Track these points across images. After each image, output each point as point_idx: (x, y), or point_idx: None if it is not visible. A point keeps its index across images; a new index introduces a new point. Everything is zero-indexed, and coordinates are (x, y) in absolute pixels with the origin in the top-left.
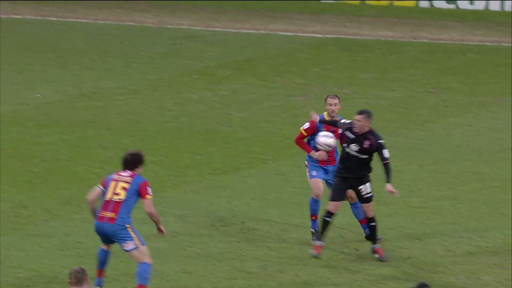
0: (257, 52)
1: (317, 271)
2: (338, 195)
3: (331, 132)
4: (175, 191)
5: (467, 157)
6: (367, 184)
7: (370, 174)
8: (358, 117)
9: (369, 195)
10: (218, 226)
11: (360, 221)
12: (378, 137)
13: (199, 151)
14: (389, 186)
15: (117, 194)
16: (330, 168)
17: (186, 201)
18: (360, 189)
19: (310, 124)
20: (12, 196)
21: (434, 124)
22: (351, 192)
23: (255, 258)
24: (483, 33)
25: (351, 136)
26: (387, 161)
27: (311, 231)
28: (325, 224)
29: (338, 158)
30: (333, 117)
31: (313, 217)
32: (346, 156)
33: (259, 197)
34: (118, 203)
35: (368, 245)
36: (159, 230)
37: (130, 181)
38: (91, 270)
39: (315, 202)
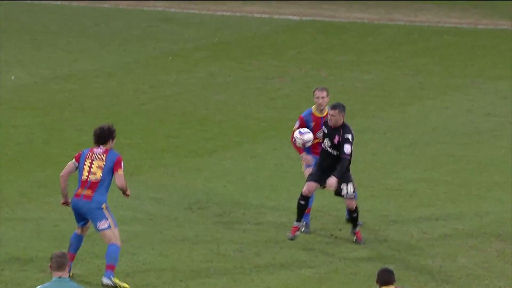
0: (233, 35)
1: (294, 254)
2: (313, 177)
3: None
4: (151, 174)
5: (443, 140)
6: (349, 184)
7: (350, 171)
8: (331, 112)
9: (350, 196)
10: (195, 209)
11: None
12: (346, 131)
13: (175, 134)
14: (331, 179)
15: (94, 173)
16: None
17: (162, 184)
18: (341, 189)
19: (299, 121)
20: None
21: (411, 107)
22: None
23: (232, 241)
24: (459, 15)
25: (325, 131)
26: (345, 157)
27: (303, 223)
28: (299, 207)
29: None
30: (321, 110)
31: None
32: (322, 151)
33: (236, 180)
34: (95, 183)
35: (345, 227)
36: (126, 195)
37: (105, 159)
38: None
39: None
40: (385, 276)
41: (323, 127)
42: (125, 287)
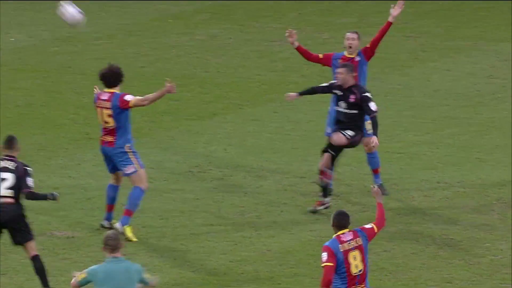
0: None
1: (295, 217)
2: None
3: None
4: (151, 137)
5: (445, 102)
6: (352, 130)
7: (360, 130)
8: (340, 70)
9: (348, 135)
10: (195, 172)
11: (372, 171)
12: (362, 90)
13: (175, 97)
14: (374, 138)
15: (107, 122)
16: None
17: (162, 147)
18: (346, 133)
19: (327, 54)
20: None
21: (412, 69)
22: (366, 140)
23: (232, 204)
24: None
25: (339, 93)
26: (373, 114)
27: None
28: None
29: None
30: (351, 53)
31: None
32: (337, 114)
33: (236, 143)
34: (112, 129)
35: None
36: (167, 91)
37: (110, 106)
38: (67, 215)
39: None
40: (342, 220)
41: (336, 90)
42: (132, 240)
